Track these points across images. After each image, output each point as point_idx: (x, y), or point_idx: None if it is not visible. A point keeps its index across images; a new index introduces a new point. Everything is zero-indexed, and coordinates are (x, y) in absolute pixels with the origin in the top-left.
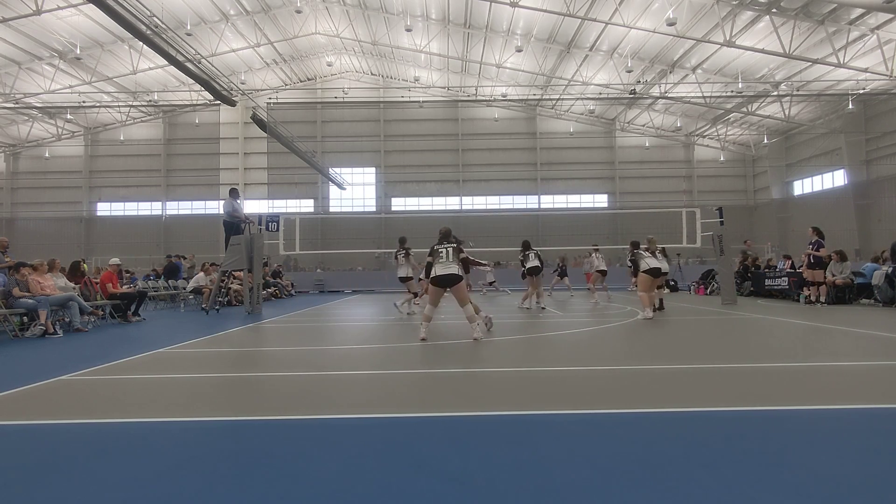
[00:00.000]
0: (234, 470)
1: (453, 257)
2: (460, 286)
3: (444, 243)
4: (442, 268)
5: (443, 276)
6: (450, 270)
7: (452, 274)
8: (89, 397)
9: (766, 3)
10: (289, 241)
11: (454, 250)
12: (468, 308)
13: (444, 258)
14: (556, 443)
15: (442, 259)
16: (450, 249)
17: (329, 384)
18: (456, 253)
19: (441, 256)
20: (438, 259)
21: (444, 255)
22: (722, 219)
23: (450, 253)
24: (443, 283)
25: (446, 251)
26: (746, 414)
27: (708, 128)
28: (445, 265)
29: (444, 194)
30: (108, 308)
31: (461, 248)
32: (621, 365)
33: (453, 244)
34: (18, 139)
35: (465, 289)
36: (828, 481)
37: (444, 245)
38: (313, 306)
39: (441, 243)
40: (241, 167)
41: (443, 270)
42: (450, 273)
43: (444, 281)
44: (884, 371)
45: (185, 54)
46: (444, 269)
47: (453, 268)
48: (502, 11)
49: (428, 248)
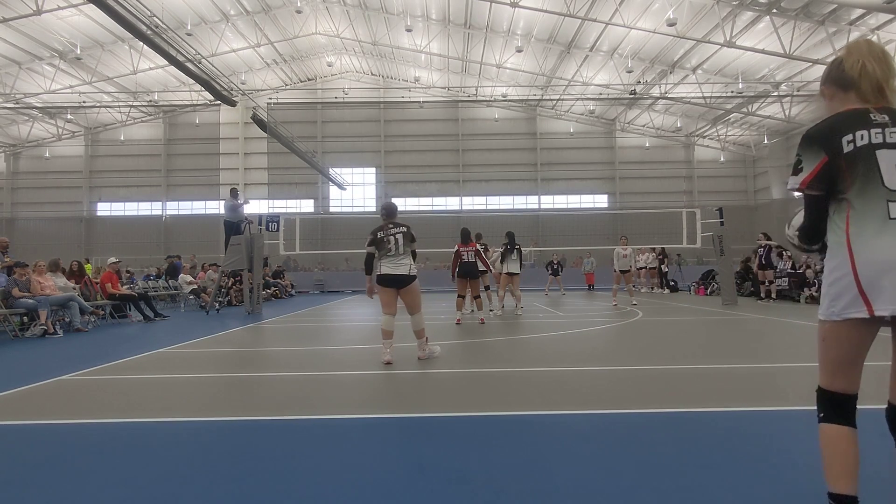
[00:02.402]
0: (233, 470)
1: (404, 247)
2: (412, 288)
3: (390, 228)
4: (391, 263)
5: (392, 275)
6: (400, 269)
7: (405, 274)
8: (89, 397)
9: (767, 4)
10: (289, 242)
11: (405, 236)
12: (419, 318)
13: (394, 250)
14: (556, 443)
15: (391, 252)
16: (399, 237)
17: (329, 384)
18: (407, 241)
19: (389, 248)
20: (386, 252)
21: (394, 245)
22: (722, 219)
23: (400, 242)
24: (392, 283)
25: (395, 239)
26: (746, 414)
27: (708, 128)
28: (395, 260)
29: (445, 194)
30: (108, 308)
31: (412, 234)
32: (621, 365)
33: (403, 228)
34: (18, 139)
35: (418, 293)
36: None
37: (390, 231)
38: (313, 306)
39: (386, 228)
40: (241, 167)
41: (392, 268)
42: (401, 273)
43: (393, 281)
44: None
45: (185, 54)
46: (394, 265)
47: (404, 264)
48: (502, 12)
49: (426, 248)
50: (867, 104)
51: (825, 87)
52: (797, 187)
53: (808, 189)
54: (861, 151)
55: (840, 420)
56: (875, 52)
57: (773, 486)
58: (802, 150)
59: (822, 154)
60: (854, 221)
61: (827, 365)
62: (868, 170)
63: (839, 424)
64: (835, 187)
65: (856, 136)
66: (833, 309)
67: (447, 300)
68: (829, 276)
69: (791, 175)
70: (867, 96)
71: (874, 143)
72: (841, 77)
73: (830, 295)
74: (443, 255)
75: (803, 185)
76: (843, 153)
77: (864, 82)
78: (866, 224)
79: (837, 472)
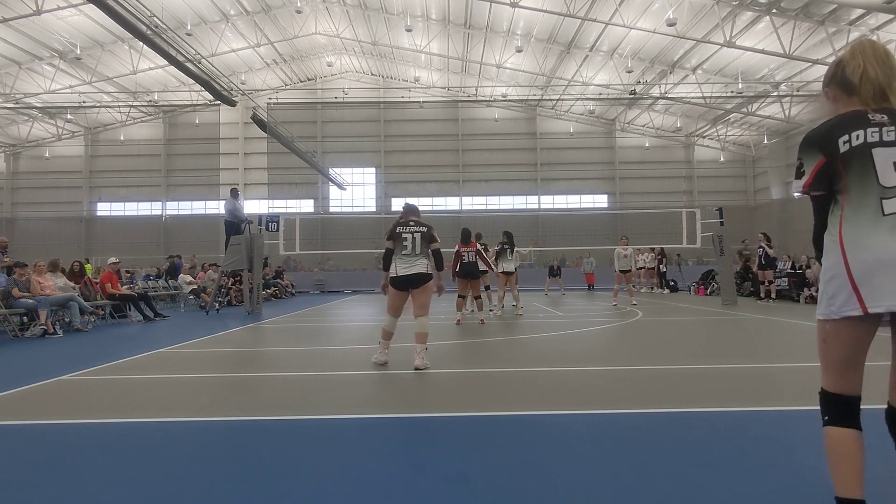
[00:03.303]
0: (233, 470)
1: (421, 248)
2: (426, 288)
3: (410, 225)
4: (405, 264)
5: (406, 276)
6: (415, 269)
7: (420, 273)
8: (89, 397)
9: (767, 4)
10: (289, 241)
11: (423, 237)
12: (424, 321)
13: (409, 249)
14: (556, 443)
15: (406, 251)
16: (417, 236)
17: (329, 384)
18: (425, 241)
19: (405, 245)
20: (402, 249)
21: (410, 243)
22: (722, 219)
23: (417, 241)
24: (404, 286)
25: (412, 238)
26: (746, 414)
27: (708, 128)
28: (409, 260)
29: (445, 194)
30: (108, 308)
31: (433, 235)
32: (621, 365)
33: (423, 228)
34: (18, 139)
35: (430, 292)
36: (828, 482)
37: (409, 228)
38: (313, 306)
39: (407, 224)
40: (241, 167)
41: (406, 269)
42: (416, 273)
43: (406, 283)
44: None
45: (185, 54)
46: (408, 266)
47: (420, 264)
48: (502, 12)
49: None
50: (868, 107)
51: (829, 89)
52: (801, 190)
53: (811, 190)
54: (857, 150)
55: (845, 423)
56: (878, 55)
57: (772, 486)
58: (802, 153)
59: (820, 155)
60: (847, 219)
61: (829, 366)
62: (863, 168)
63: (845, 427)
64: (832, 187)
65: (851, 137)
66: (831, 308)
67: (448, 300)
68: (824, 275)
69: (794, 179)
70: (868, 100)
71: (870, 141)
72: (843, 80)
73: (827, 293)
74: (443, 255)
75: (805, 187)
76: (840, 153)
77: (866, 87)
78: (860, 222)
79: (844, 475)
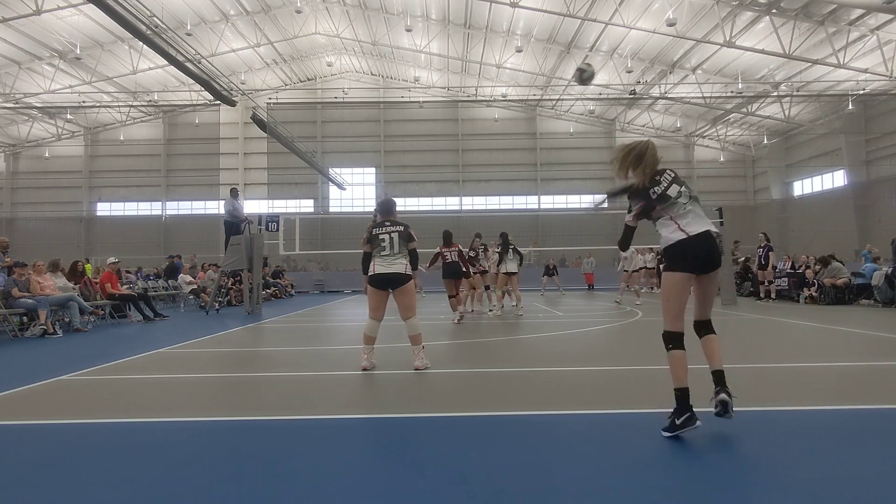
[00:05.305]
0: (233, 470)
1: (400, 247)
2: (408, 289)
3: (386, 226)
4: (384, 263)
5: (385, 275)
6: (394, 268)
7: (399, 273)
8: (89, 397)
9: (766, 4)
10: (289, 242)
11: (401, 236)
12: (413, 323)
13: (388, 250)
14: (556, 443)
15: (385, 251)
16: (395, 236)
17: (329, 384)
18: (404, 240)
19: (383, 247)
20: (380, 251)
21: (388, 244)
22: (722, 219)
23: (395, 241)
24: (384, 284)
25: (389, 238)
26: (746, 414)
27: (708, 128)
28: (389, 259)
29: (445, 194)
30: (108, 308)
31: (410, 233)
32: (621, 365)
33: (400, 228)
34: (18, 139)
35: (413, 294)
36: (827, 482)
37: (386, 229)
38: (313, 307)
39: (382, 226)
40: (241, 167)
41: (385, 267)
42: (394, 272)
43: (385, 282)
44: (885, 371)
45: (185, 54)
46: (387, 265)
47: (399, 263)
48: (502, 12)
49: (429, 248)
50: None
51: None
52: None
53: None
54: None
55: (680, 346)
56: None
57: (772, 486)
58: None
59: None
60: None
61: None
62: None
63: (680, 349)
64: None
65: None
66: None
67: (443, 301)
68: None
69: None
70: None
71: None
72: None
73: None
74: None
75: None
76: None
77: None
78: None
79: (680, 376)
